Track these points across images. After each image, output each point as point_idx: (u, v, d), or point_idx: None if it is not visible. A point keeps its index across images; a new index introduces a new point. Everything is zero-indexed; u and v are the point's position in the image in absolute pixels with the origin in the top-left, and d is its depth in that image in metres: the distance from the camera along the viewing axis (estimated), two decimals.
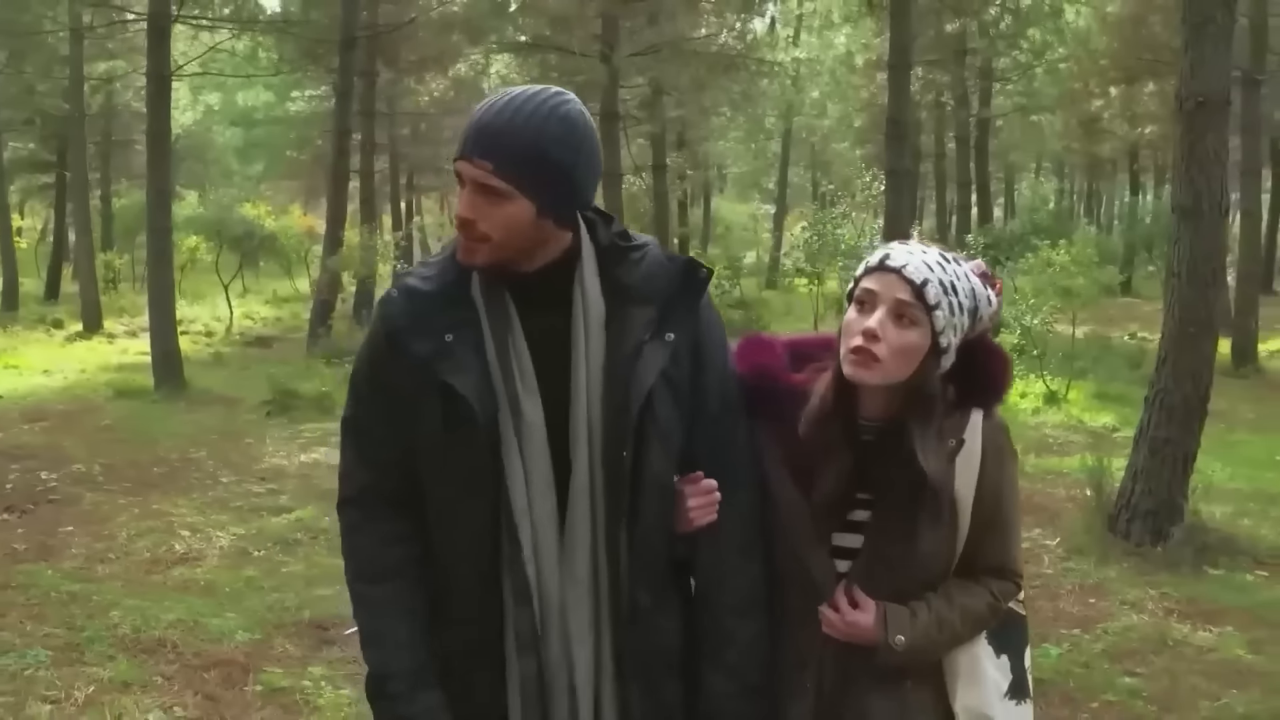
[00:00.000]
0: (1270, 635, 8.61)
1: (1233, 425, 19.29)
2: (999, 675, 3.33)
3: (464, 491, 2.96)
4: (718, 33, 32.37)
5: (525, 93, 2.91)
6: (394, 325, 2.96)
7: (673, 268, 3.08)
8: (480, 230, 2.89)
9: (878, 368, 3.05)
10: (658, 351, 2.99)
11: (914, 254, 3.11)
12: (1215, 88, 9.96)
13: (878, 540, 3.17)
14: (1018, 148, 61.48)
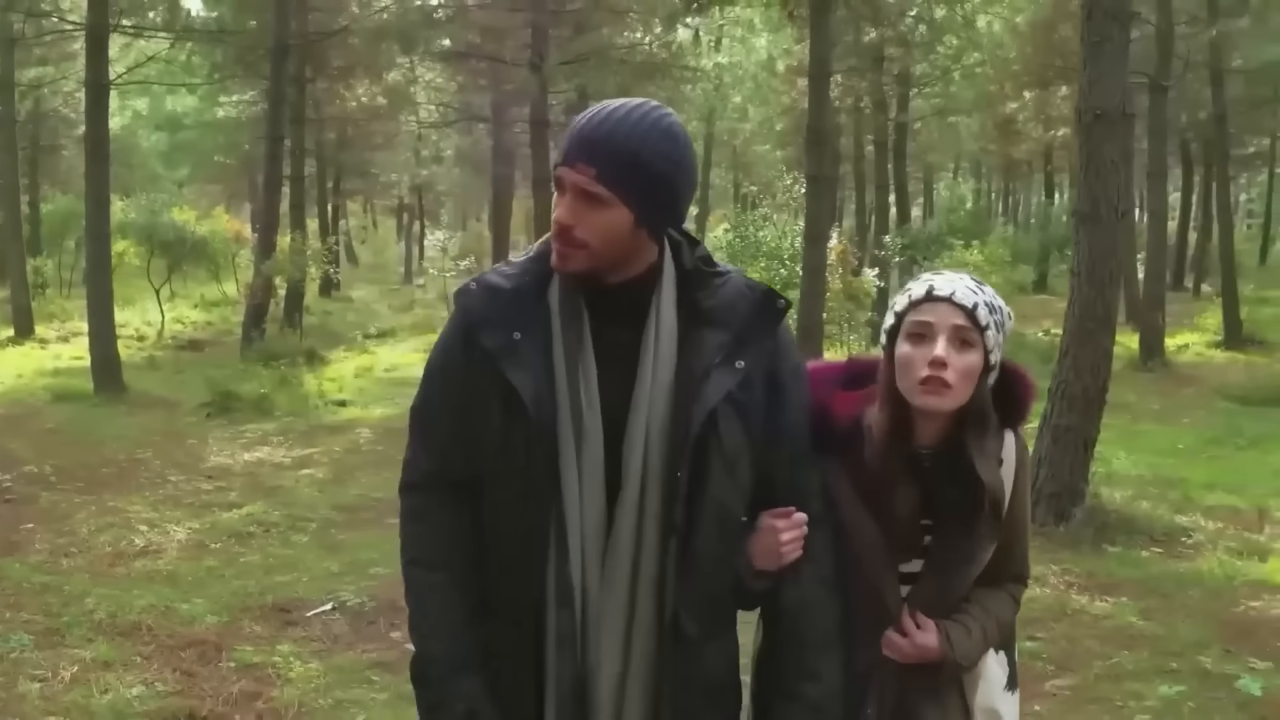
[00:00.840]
0: (1160, 604, 9.33)
1: (1138, 417, 20.13)
2: (1000, 671, 3.47)
3: (517, 489, 2.97)
4: (643, 41, 32.81)
5: (628, 104, 2.93)
6: (469, 317, 2.99)
7: (752, 296, 3.07)
8: (578, 236, 2.89)
9: (949, 394, 3.12)
10: (726, 376, 2.98)
11: (955, 281, 3.20)
12: (1112, 102, 10.61)
13: (939, 563, 3.27)
14: (936, 149, 62.16)
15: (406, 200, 67.50)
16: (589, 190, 2.85)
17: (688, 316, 3.01)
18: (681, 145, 2.94)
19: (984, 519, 3.20)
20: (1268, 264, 60.44)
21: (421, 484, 3.18)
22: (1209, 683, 7.69)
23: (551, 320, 2.99)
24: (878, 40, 32.28)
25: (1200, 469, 15.35)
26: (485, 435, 2.99)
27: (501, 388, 2.93)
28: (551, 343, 2.97)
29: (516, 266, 3.07)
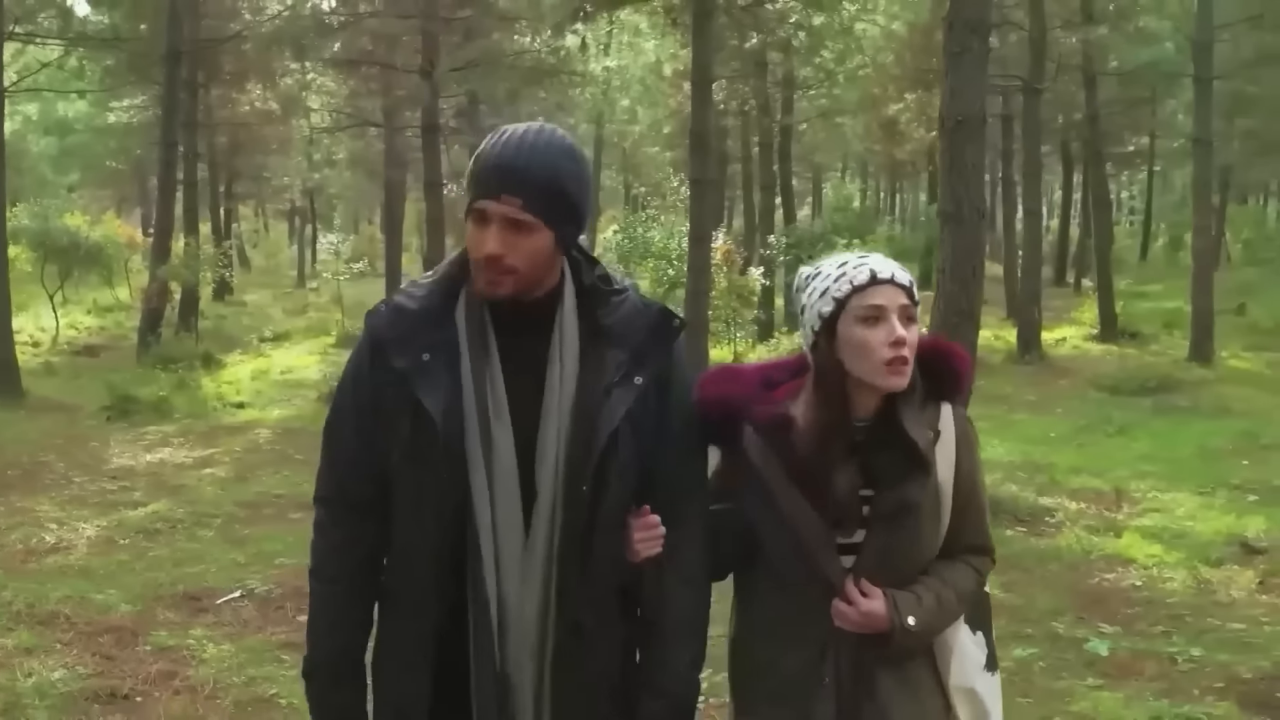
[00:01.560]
0: (1022, 578, 10.00)
1: (1014, 407, 20.83)
2: (977, 651, 3.49)
3: (428, 503, 3.07)
4: (532, 48, 33.10)
5: (530, 130, 3.07)
6: (377, 338, 3.10)
7: (648, 314, 3.22)
8: (508, 264, 3.00)
9: (908, 370, 3.24)
10: (626, 394, 3.13)
11: (886, 263, 3.31)
12: (972, 109, 11.18)
13: (880, 530, 3.30)
14: (823, 150, 62.85)
15: (299, 204, 67.23)
16: (518, 219, 2.98)
17: (588, 332, 3.16)
18: (585, 164, 3.14)
19: (916, 480, 3.28)
20: (1148, 260, 61.81)
21: (327, 498, 3.27)
22: (1060, 645, 8.37)
23: (459, 338, 3.10)
24: (759, 46, 32.76)
25: (1069, 455, 16.02)
26: (393, 452, 3.10)
27: (411, 407, 3.04)
28: (457, 360, 3.08)
29: (423, 288, 3.17)
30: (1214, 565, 10.44)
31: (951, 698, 3.44)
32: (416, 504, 3.11)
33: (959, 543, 3.42)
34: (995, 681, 3.55)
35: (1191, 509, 12.68)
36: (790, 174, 47.94)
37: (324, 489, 3.29)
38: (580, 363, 3.14)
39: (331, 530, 3.26)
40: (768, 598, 3.48)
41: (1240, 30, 33.95)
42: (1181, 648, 8.31)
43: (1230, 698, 7.38)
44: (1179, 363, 25.94)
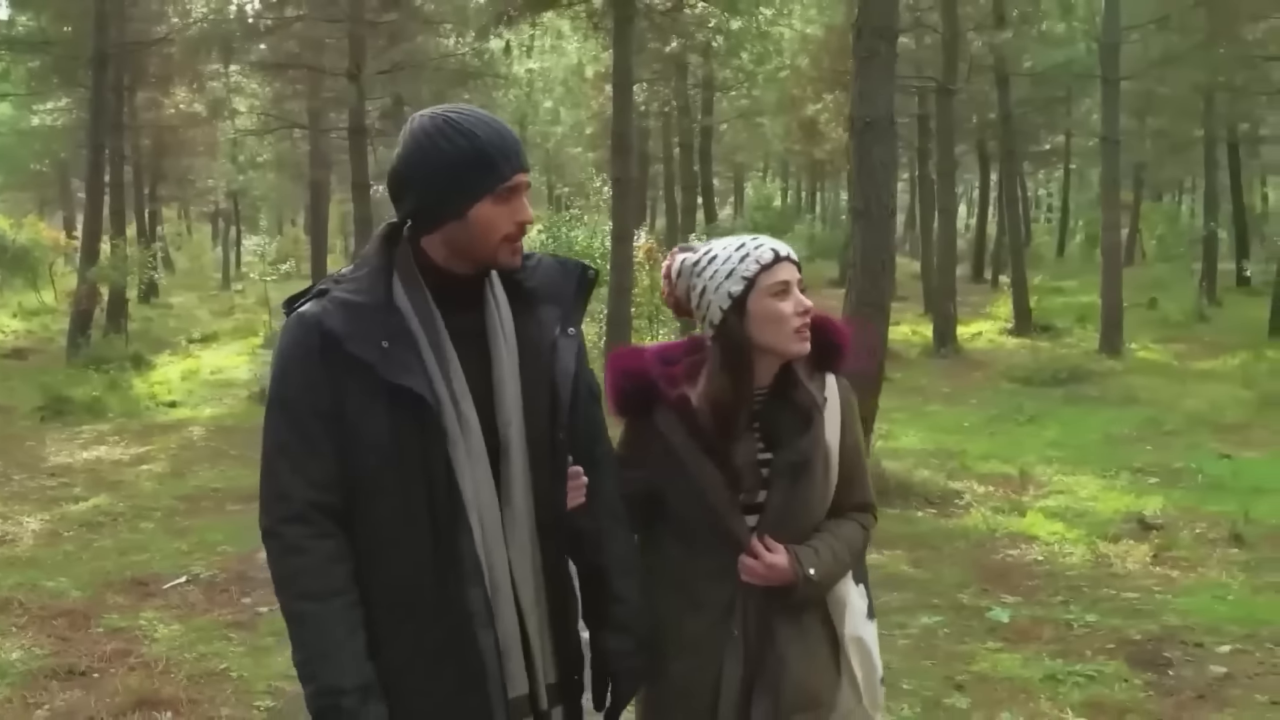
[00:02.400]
0: (929, 555, 10.54)
1: (929, 398, 21.41)
2: (860, 602, 3.72)
3: (416, 489, 3.11)
4: (457, 51, 33.28)
5: (481, 111, 3.23)
6: (332, 335, 3.07)
7: (569, 270, 3.42)
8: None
9: (809, 335, 3.53)
10: (569, 345, 3.33)
11: (779, 243, 3.56)
12: (880, 111, 11.58)
13: (779, 489, 3.54)
14: (745, 150, 63.34)
15: (223, 206, 66.97)
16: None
17: (515, 297, 3.31)
18: None
19: (807, 439, 3.52)
20: (1065, 256, 62.72)
21: (300, 516, 3.12)
22: (964, 614, 8.91)
23: (410, 323, 3.15)
24: (679, 50, 33.12)
25: (981, 443, 16.56)
26: (365, 446, 3.11)
27: (383, 395, 3.07)
28: (416, 343, 3.13)
29: (360, 281, 3.18)
30: (1112, 541, 11.04)
31: (845, 646, 3.66)
32: (404, 493, 3.13)
33: (847, 501, 3.68)
34: (874, 627, 3.78)
35: (1094, 490, 13.28)
36: (711, 174, 48.34)
37: (293, 507, 3.13)
38: (517, 326, 3.28)
39: (317, 543, 3.12)
40: (674, 559, 3.67)
41: (1150, 31, 34.78)
42: (1077, 615, 8.87)
43: (1119, 657, 7.96)
44: (1089, 354, 26.70)
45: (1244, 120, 43.38)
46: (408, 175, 3.17)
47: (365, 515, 3.16)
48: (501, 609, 3.20)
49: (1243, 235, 43.86)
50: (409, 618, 3.17)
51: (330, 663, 3.07)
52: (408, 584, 3.15)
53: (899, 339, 29.29)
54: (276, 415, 3.17)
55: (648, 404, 3.65)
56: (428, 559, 3.13)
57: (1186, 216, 50.07)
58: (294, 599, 3.12)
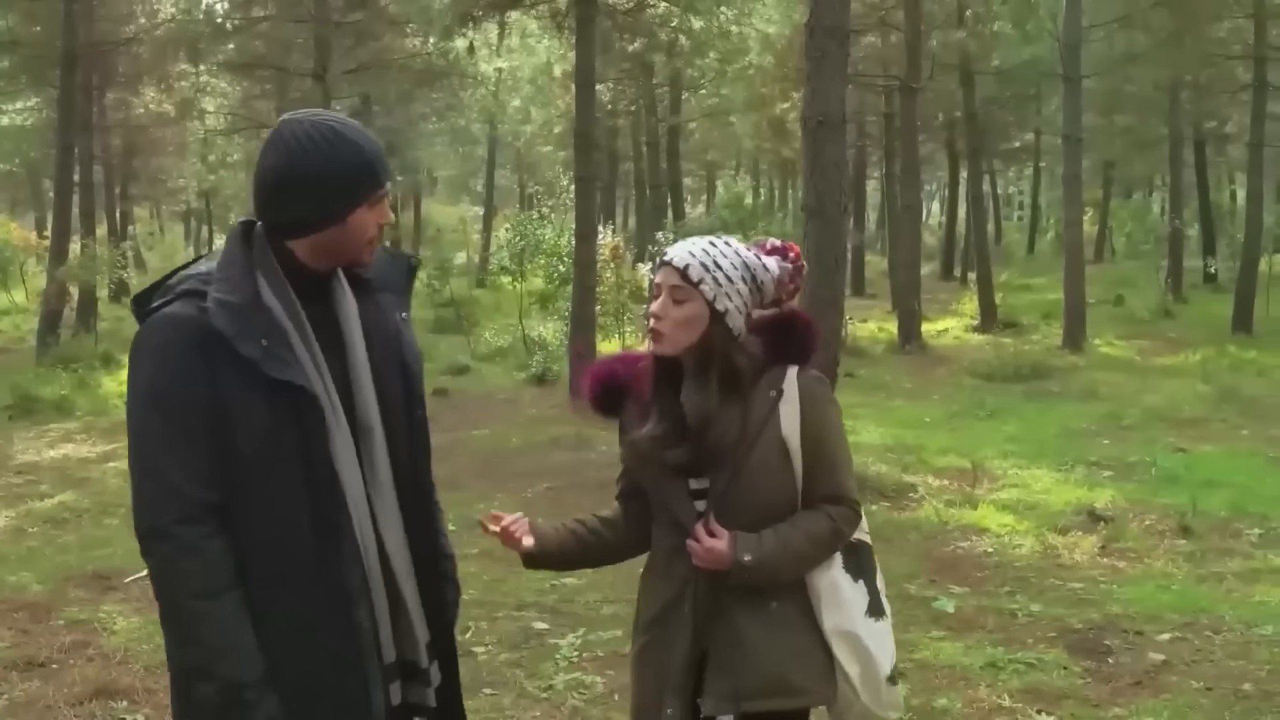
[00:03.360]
0: (881, 546, 10.19)
1: (892, 394, 21.54)
2: (858, 597, 3.78)
3: (293, 475, 3.21)
4: (423, 50, 33.29)
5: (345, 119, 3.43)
6: (214, 333, 3.13)
7: (396, 260, 3.67)
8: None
9: (665, 340, 3.68)
10: (408, 327, 3.58)
11: (683, 246, 3.71)
12: (832, 109, 11.63)
13: (719, 477, 3.72)
14: (716, 148, 63.34)
15: (194, 206, 66.90)
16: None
17: (355, 288, 3.48)
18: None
19: (722, 428, 3.68)
20: (1035, 253, 62.97)
21: (193, 516, 3.15)
22: (910, 603, 9.02)
23: (279, 319, 3.24)
24: (642, 49, 33.21)
25: (941, 438, 16.66)
26: (242, 438, 3.18)
27: (264, 389, 3.16)
28: (289, 339, 3.24)
29: (231, 283, 3.24)
30: (1061, 533, 11.20)
31: (829, 640, 3.74)
32: (284, 481, 3.21)
33: (815, 494, 3.75)
34: (882, 627, 3.84)
35: (1048, 484, 13.42)
36: (679, 172, 48.42)
37: (182, 509, 3.16)
38: (361, 313, 3.45)
39: (209, 541, 3.16)
40: (656, 539, 3.94)
41: (1114, 29, 35.01)
42: (1022, 604, 9.03)
43: (1060, 645, 8.11)
44: (1052, 351, 26.90)
45: (1209, 118, 43.69)
46: (294, 181, 3.26)
47: (244, 503, 3.22)
48: (376, 584, 3.36)
49: (1209, 232, 44.17)
50: (289, 596, 3.24)
51: (230, 658, 3.15)
52: (288, 565, 3.23)
53: (865, 336, 29.47)
54: (153, 414, 3.20)
55: (618, 399, 3.93)
56: (308, 541, 3.23)
57: (1156, 214, 50.22)
58: (189, 598, 3.14)
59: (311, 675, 3.27)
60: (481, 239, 50.50)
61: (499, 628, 8.66)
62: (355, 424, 3.36)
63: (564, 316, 22.47)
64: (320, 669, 3.27)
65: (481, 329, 30.16)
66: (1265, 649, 8.03)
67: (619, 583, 8.71)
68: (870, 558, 3.94)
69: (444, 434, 17.36)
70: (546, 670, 7.77)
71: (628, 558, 4.21)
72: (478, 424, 18.09)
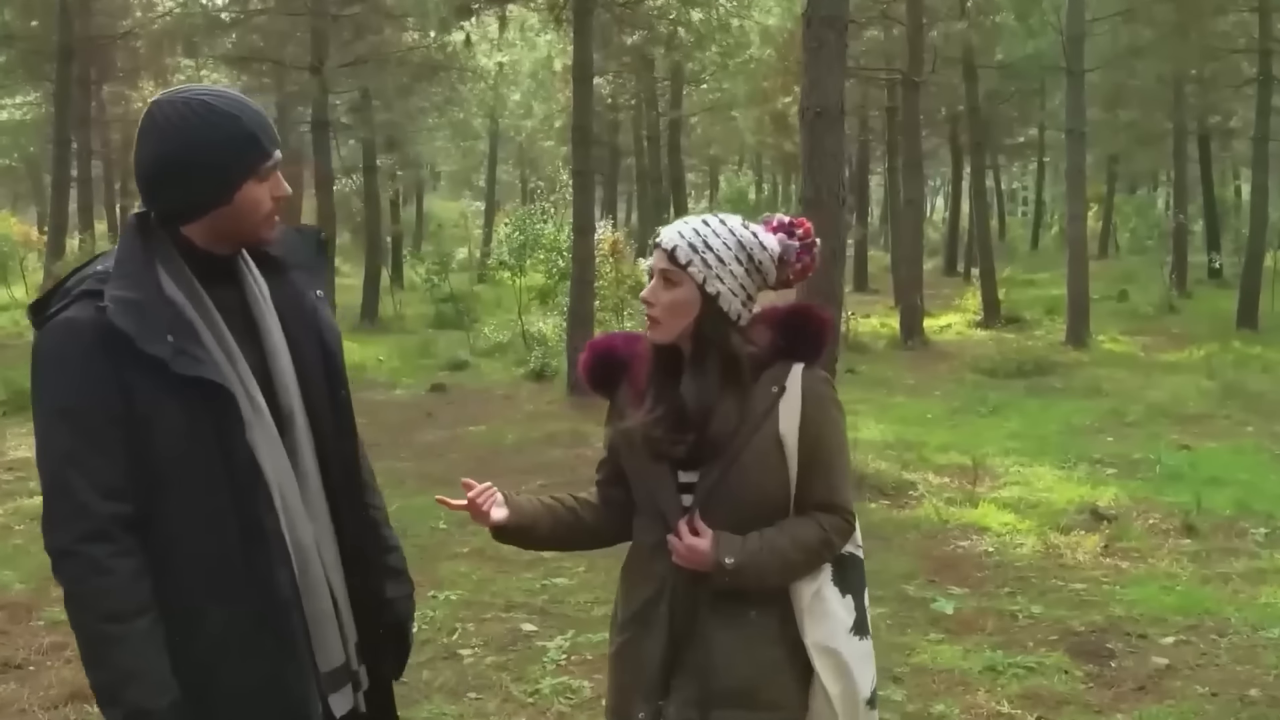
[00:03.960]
0: (880, 546, 10.42)
1: (894, 390, 21.33)
2: (844, 613, 3.60)
3: (214, 477, 3.08)
4: (422, 44, 33.18)
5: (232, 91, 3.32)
6: (117, 334, 2.98)
7: (307, 237, 3.55)
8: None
9: (659, 328, 3.54)
10: (322, 305, 3.44)
11: (674, 228, 3.56)
12: (830, 100, 11.51)
13: (708, 470, 3.55)
14: (718, 143, 63.24)
15: None
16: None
17: (264, 267, 3.36)
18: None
19: (723, 432, 3.51)
20: (1039, 249, 62.85)
21: (101, 533, 3.00)
22: (908, 605, 8.89)
23: (185, 311, 3.10)
24: (641, 42, 33.12)
25: (942, 434, 16.49)
26: (160, 442, 3.04)
27: (175, 388, 3.01)
28: (198, 333, 3.10)
29: (130, 279, 3.09)
30: (1063, 532, 11.00)
31: (810, 654, 3.58)
32: (205, 482, 3.08)
33: (808, 499, 3.58)
34: (865, 647, 3.67)
35: (1050, 482, 13.22)
36: (681, 166, 48.35)
37: (92, 524, 3.00)
38: (272, 293, 3.33)
39: (120, 561, 3.01)
40: (637, 531, 3.76)
41: (1118, 23, 34.82)
42: (1023, 606, 8.87)
43: (1061, 648, 7.96)
44: (1055, 346, 26.63)
45: (1214, 113, 43.49)
46: (172, 166, 3.13)
47: (164, 511, 3.09)
48: (312, 586, 3.24)
49: (1213, 228, 43.98)
50: (218, 604, 3.12)
51: (139, 684, 3.00)
52: (215, 571, 3.11)
53: (867, 331, 29.27)
54: (58, 425, 3.06)
55: (614, 377, 3.77)
56: (235, 544, 3.10)
57: (1160, 209, 50.08)
58: (98, 620, 3.01)
59: (247, 687, 3.16)
60: (483, 234, 50.49)
61: (487, 629, 8.51)
62: (277, 411, 3.24)
63: (563, 312, 22.30)
64: (255, 681, 3.16)
65: (482, 324, 29.98)
66: (1272, 653, 7.87)
67: (610, 583, 8.46)
68: (860, 573, 3.78)
69: (440, 430, 17.31)
70: (533, 674, 7.61)
71: (603, 545, 4.04)
72: (475, 420, 17.94)
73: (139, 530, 3.05)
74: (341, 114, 36.40)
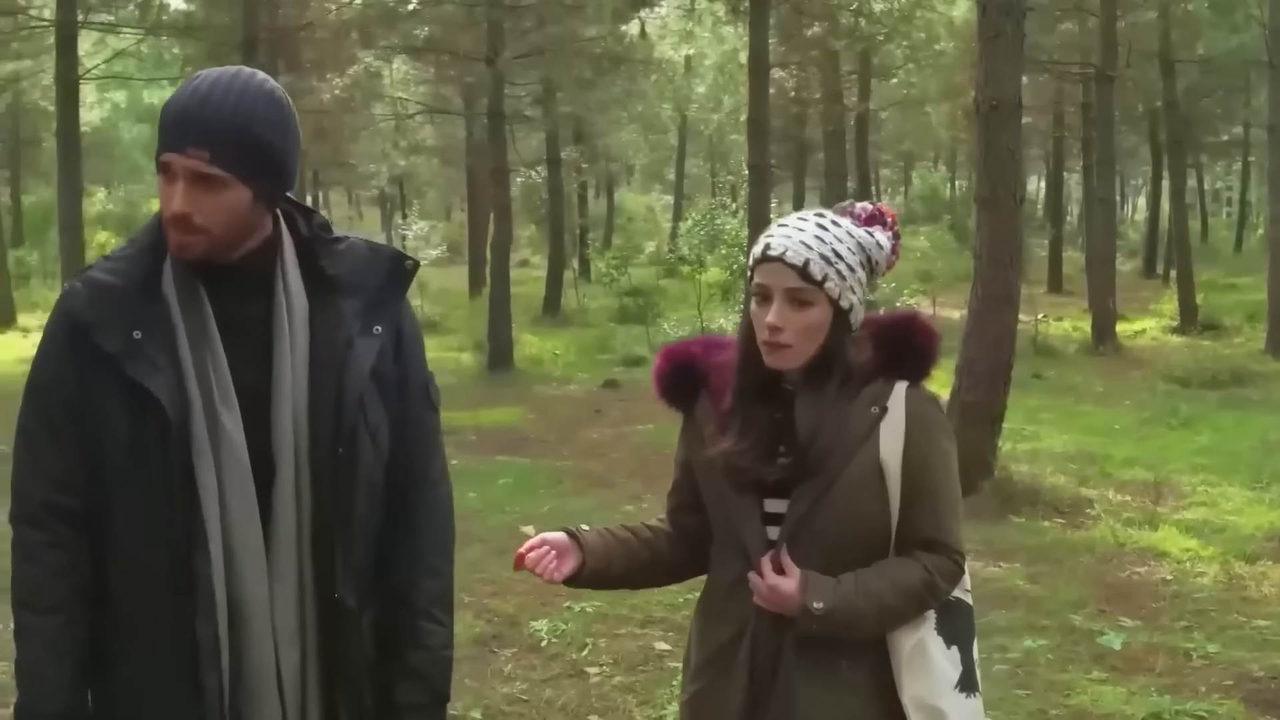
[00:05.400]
0: (1050, 569, 9.87)
1: (1081, 398, 20.65)
2: (949, 667, 3.18)
3: (154, 501, 2.78)
4: (603, 34, 33.02)
5: (227, 74, 2.81)
6: (77, 320, 2.78)
7: (379, 259, 3.02)
8: (197, 223, 2.74)
9: (789, 353, 3.10)
10: (369, 346, 2.93)
11: (791, 236, 3.11)
12: (1007, 93, 11.09)
13: (799, 497, 3.14)
14: (912, 138, 62.55)
15: (387, 190, 67.85)
16: (205, 174, 2.72)
17: (314, 286, 2.94)
18: (287, 111, 2.86)
19: (820, 447, 3.12)
20: (1243, 251, 60.91)
21: (35, 517, 2.83)
22: (1073, 637, 8.24)
23: (171, 312, 2.82)
24: (822, 34, 32.67)
25: (1128, 447, 15.79)
26: (109, 448, 2.79)
27: (125, 392, 2.75)
28: (173, 337, 2.81)
29: (122, 260, 2.88)
30: (1249, 561, 10.21)
31: (907, 712, 3.16)
32: (137, 508, 2.80)
33: (911, 536, 3.18)
34: (974, 705, 3.24)
35: (1239, 503, 12.44)
36: (867, 161, 47.84)
37: (29, 505, 2.84)
38: (311, 319, 2.92)
39: (47, 552, 2.82)
40: (715, 566, 3.37)
41: None
42: (1199, 644, 8.14)
43: (1237, 695, 7.23)
44: (1254, 355, 25.62)
45: None
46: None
47: (104, 522, 2.83)
48: (252, 647, 2.86)
49: None
50: (140, 642, 2.85)
51: (33, 683, 2.83)
52: (142, 605, 2.83)
53: (1057, 335, 28.54)
54: (27, 401, 2.89)
55: (692, 388, 3.36)
56: (163, 582, 2.79)
57: None
58: (17, 605, 2.84)
59: None
60: (671, 228, 50.44)
61: (618, 646, 8.08)
62: (260, 448, 2.84)
63: (739, 312, 21.99)
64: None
65: (664, 319, 29.65)
66: None
67: None
68: (970, 622, 3.31)
69: (606, 428, 17.08)
70: (660, 697, 7.12)
71: (681, 580, 3.67)
72: (643, 418, 17.56)
73: (84, 526, 2.84)
74: (526, 106, 36.32)
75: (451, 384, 23.56)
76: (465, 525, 11.38)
